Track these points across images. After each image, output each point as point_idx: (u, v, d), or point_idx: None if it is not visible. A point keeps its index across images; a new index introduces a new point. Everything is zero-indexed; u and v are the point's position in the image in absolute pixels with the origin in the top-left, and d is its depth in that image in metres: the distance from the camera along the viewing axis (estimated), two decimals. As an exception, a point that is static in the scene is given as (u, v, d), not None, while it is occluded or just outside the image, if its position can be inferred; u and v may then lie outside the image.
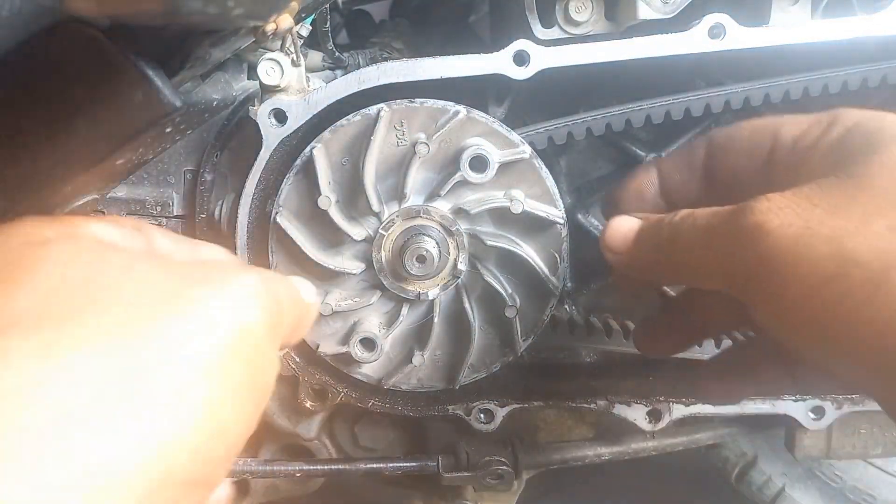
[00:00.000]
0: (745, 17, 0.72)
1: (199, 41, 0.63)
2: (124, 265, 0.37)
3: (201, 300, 0.36)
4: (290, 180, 0.75)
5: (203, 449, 0.34)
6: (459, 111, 0.72)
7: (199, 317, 0.36)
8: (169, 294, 0.36)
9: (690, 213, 0.56)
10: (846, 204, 0.47)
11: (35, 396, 0.29)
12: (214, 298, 0.37)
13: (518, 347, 0.79)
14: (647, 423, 0.87)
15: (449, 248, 0.74)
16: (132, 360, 0.32)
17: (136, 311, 0.34)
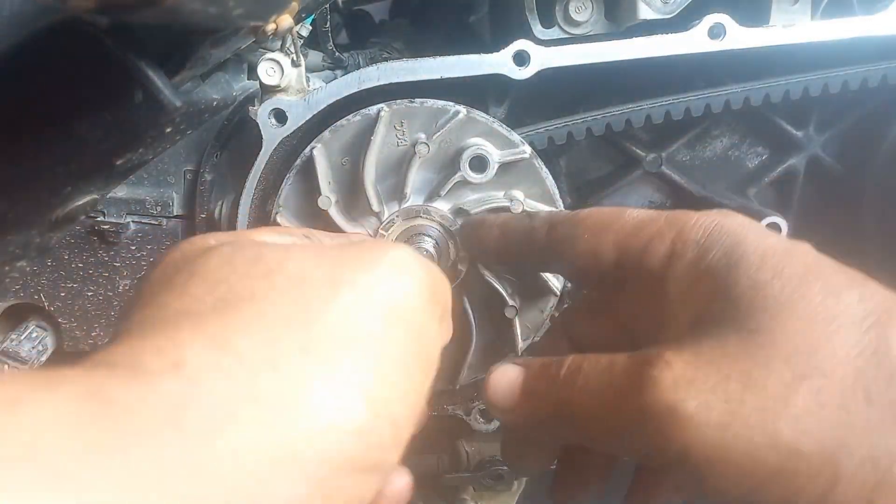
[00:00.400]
0: (745, 18, 0.72)
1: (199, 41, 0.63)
2: (281, 254, 0.38)
3: (357, 276, 0.37)
4: (289, 180, 0.75)
5: (370, 429, 0.33)
6: (460, 111, 0.72)
7: (356, 292, 0.36)
8: (325, 275, 0.37)
9: (579, 367, 0.47)
10: (760, 372, 0.41)
11: (203, 384, 0.30)
12: (369, 273, 0.37)
13: (518, 347, 0.79)
14: (648, 424, 0.87)
15: (449, 248, 0.74)
16: (296, 343, 0.33)
17: (295, 294, 0.35)
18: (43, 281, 0.84)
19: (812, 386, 0.40)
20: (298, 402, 0.31)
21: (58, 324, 0.85)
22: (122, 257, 0.84)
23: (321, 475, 0.31)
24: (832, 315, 0.41)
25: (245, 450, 0.29)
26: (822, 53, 0.75)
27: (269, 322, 0.33)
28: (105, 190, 0.78)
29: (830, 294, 0.42)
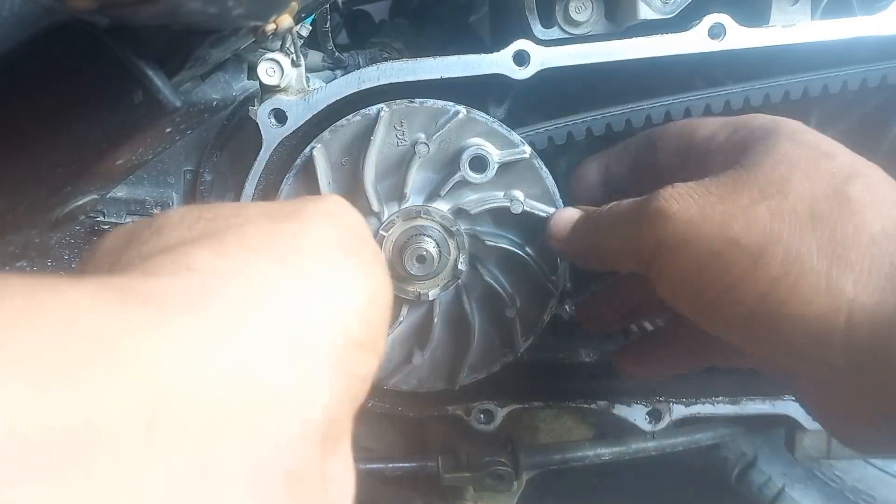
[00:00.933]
0: (745, 18, 0.72)
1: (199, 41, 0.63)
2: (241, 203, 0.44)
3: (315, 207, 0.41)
4: (289, 180, 0.75)
5: (366, 313, 0.37)
6: (459, 111, 0.72)
7: (322, 215, 0.40)
8: (288, 208, 0.41)
9: (615, 204, 0.63)
10: (736, 191, 0.53)
11: (220, 278, 0.31)
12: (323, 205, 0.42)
13: (518, 348, 0.79)
14: (648, 424, 0.87)
15: (449, 248, 0.74)
16: (289, 247, 0.36)
17: (273, 220, 0.38)
18: (43, 281, 0.84)
19: (772, 202, 0.52)
20: (308, 289, 0.34)
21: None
22: (122, 257, 0.84)
23: (338, 351, 0.34)
24: (811, 166, 0.53)
25: (271, 327, 0.30)
26: (822, 53, 0.76)
27: (257, 238, 0.36)
28: (105, 190, 0.78)
29: (819, 156, 0.54)
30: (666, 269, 0.56)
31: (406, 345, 0.81)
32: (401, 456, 0.93)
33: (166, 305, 0.28)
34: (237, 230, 0.36)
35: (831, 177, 0.52)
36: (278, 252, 0.35)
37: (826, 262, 0.49)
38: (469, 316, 0.77)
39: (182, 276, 0.30)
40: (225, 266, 0.32)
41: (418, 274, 0.73)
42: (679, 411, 0.86)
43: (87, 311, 0.25)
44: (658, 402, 0.87)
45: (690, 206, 0.54)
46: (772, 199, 0.52)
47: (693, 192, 0.55)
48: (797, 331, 0.50)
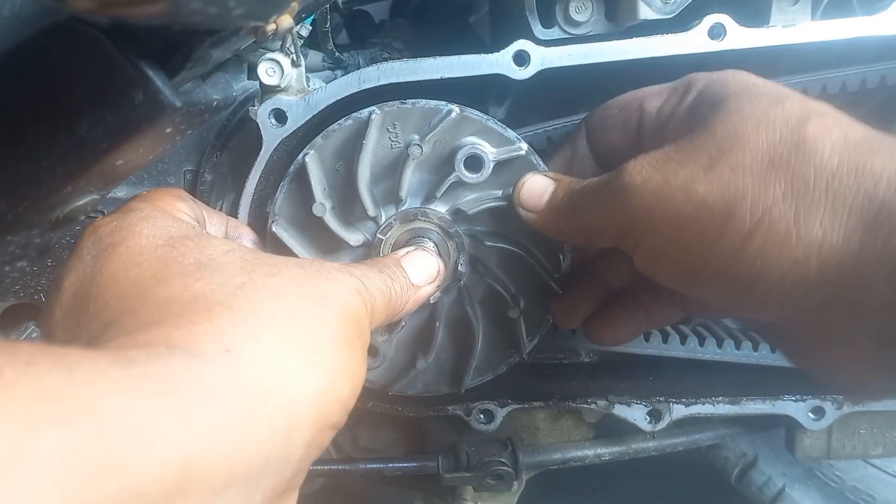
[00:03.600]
0: (745, 18, 0.72)
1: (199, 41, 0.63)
2: (277, 260, 0.50)
3: (332, 292, 0.49)
4: (284, 188, 0.74)
5: (348, 402, 0.45)
6: (452, 110, 0.71)
7: (334, 303, 0.48)
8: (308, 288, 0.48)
9: (587, 183, 0.64)
10: (695, 154, 0.54)
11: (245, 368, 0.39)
12: (335, 294, 0.49)
13: (524, 348, 0.78)
14: (647, 424, 0.87)
15: (449, 249, 0.74)
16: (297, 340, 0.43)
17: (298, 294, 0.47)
18: (43, 281, 0.84)
19: (730, 157, 0.52)
20: (306, 381, 0.42)
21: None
22: (122, 257, 0.84)
23: (316, 433, 0.42)
24: (767, 116, 0.53)
25: (279, 412, 0.39)
26: (822, 54, 0.76)
27: (284, 318, 0.44)
28: (105, 190, 0.78)
29: (770, 104, 0.54)
30: (641, 243, 0.58)
31: (409, 349, 0.80)
32: (401, 456, 0.93)
33: (183, 393, 0.35)
34: (268, 300, 0.44)
35: (785, 122, 0.53)
36: (298, 343, 0.43)
37: (792, 209, 0.50)
38: (472, 318, 0.77)
39: (223, 362, 0.38)
40: (250, 352, 0.40)
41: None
42: (679, 411, 0.86)
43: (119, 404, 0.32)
44: (658, 402, 0.86)
45: (653, 176, 0.55)
46: (730, 153, 0.53)
47: (654, 161, 0.56)
48: (773, 280, 0.51)
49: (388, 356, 0.78)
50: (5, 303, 0.85)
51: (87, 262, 0.49)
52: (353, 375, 0.46)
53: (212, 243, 0.50)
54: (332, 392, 0.43)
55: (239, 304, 0.43)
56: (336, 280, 0.51)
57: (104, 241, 0.51)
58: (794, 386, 0.87)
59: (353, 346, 0.47)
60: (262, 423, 0.38)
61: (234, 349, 0.39)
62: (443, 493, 0.99)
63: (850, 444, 0.96)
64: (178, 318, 0.41)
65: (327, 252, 0.76)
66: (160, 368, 0.35)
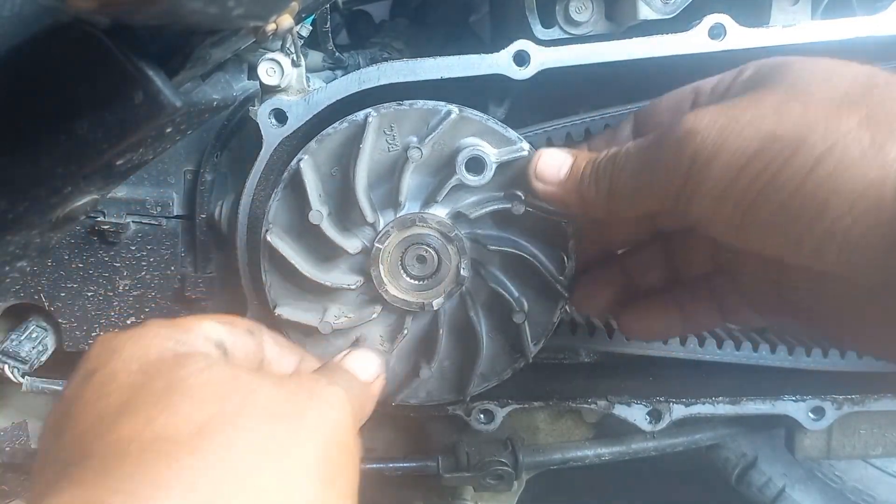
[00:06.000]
0: (745, 18, 0.72)
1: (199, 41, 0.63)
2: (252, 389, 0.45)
3: (313, 419, 0.46)
4: (277, 195, 0.72)
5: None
6: (451, 111, 0.69)
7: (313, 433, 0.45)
8: (289, 417, 0.45)
9: (630, 144, 0.61)
10: (763, 99, 0.53)
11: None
12: (319, 418, 0.47)
13: (529, 353, 0.76)
14: (648, 424, 0.87)
15: (449, 254, 0.72)
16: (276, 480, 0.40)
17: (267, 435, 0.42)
18: (43, 281, 0.84)
19: (801, 97, 0.52)
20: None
21: (58, 324, 0.85)
22: (122, 257, 0.84)
23: None
24: (835, 70, 0.54)
25: None
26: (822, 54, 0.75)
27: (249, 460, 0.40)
28: (105, 190, 0.78)
29: (834, 64, 0.55)
30: (702, 187, 0.54)
31: (412, 358, 0.78)
32: (401, 456, 0.93)
33: None
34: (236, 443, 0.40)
35: (854, 75, 0.53)
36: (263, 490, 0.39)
37: (868, 134, 0.48)
38: (475, 324, 0.75)
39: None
40: None
41: (419, 276, 0.72)
42: (679, 411, 0.86)
43: None
44: (658, 402, 0.86)
45: (718, 118, 0.53)
46: (801, 95, 0.52)
47: (719, 108, 0.55)
48: (843, 206, 0.48)
49: (389, 366, 0.76)
50: (5, 303, 0.85)
51: (74, 385, 0.46)
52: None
53: (191, 360, 0.45)
54: None
55: (202, 445, 0.39)
56: (319, 397, 0.48)
57: (91, 362, 0.47)
58: (794, 386, 0.87)
59: (334, 482, 0.44)
60: None
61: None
62: (443, 493, 0.99)
63: (850, 445, 0.96)
64: (135, 466, 0.37)
65: (325, 260, 0.74)
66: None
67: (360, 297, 0.75)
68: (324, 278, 0.72)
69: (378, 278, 0.72)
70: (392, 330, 0.77)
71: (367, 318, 0.74)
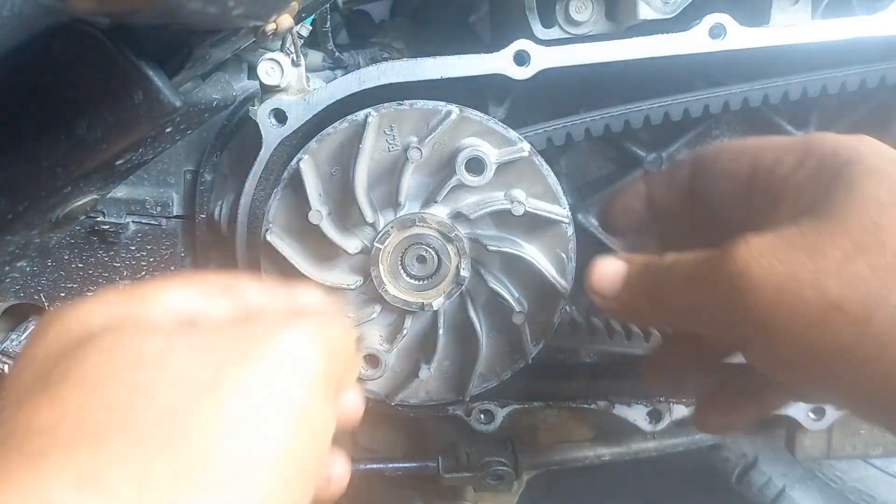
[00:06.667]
0: (745, 18, 0.72)
1: (199, 41, 0.63)
2: (162, 354, 0.36)
3: (242, 377, 0.36)
4: (277, 195, 0.72)
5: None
6: (452, 111, 0.69)
7: (238, 407, 0.35)
8: (207, 382, 0.35)
9: (677, 260, 0.57)
10: (825, 246, 0.48)
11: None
12: (258, 368, 0.36)
13: (529, 354, 0.77)
14: (648, 424, 0.87)
15: (450, 254, 0.72)
16: (169, 475, 0.32)
17: (171, 413, 0.33)
18: (43, 281, 0.84)
19: (870, 257, 0.46)
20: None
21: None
22: (122, 257, 0.84)
23: None
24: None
25: None
26: (822, 54, 0.75)
27: (141, 449, 0.32)
28: (105, 190, 0.78)
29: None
30: (756, 340, 0.51)
31: (411, 358, 0.78)
32: (401, 456, 0.93)
33: None
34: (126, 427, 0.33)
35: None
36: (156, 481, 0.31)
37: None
38: (475, 324, 0.75)
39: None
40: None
41: (419, 276, 0.72)
42: (679, 411, 0.86)
43: None
44: (658, 403, 0.86)
45: (775, 268, 0.48)
46: (869, 252, 0.46)
47: (774, 249, 0.49)
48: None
49: (388, 365, 0.76)
50: (5, 303, 0.85)
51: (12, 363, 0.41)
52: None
53: (98, 339, 0.37)
54: None
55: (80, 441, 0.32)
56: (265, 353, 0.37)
57: (30, 340, 0.40)
58: (795, 386, 0.87)
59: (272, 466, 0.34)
60: None
61: None
62: (443, 494, 0.99)
63: (850, 445, 0.96)
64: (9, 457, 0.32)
65: (324, 260, 0.74)
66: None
67: (359, 297, 0.76)
68: (323, 278, 0.72)
69: (378, 278, 0.72)
70: (391, 330, 0.77)
71: (366, 317, 0.75)
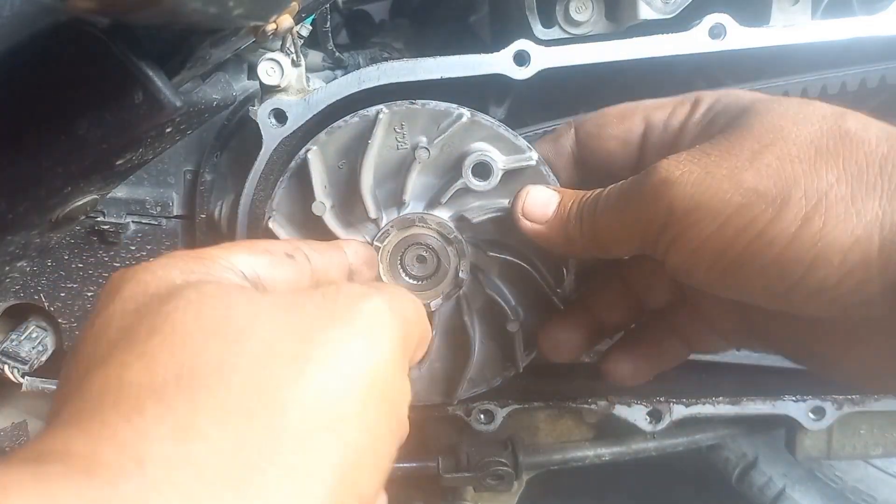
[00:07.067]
0: (745, 18, 0.72)
1: (199, 41, 0.63)
2: (251, 315, 0.37)
3: (328, 348, 0.37)
4: (283, 183, 0.72)
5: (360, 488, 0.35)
6: (463, 114, 0.69)
7: (327, 369, 0.36)
8: (295, 346, 0.36)
9: (609, 188, 0.61)
10: (734, 148, 0.53)
11: (167, 486, 0.30)
12: (340, 343, 0.38)
13: (520, 362, 0.76)
14: (648, 424, 0.87)
15: (449, 256, 0.71)
16: (265, 431, 0.33)
17: (264, 371, 0.34)
18: (43, 281, 0.84)
19: (775, 149, 0.52)
20: (269, 498, 0.31)
21: (58, 324, 0.85)
22: (122, 257, 0.84)
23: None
24: (801, 113, 0.54)
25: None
26: (822, 54, 0.75)
27: (236, 403, 0.33)
28: (105, 190, 0.79)
29: (800, 105, 0.55)
30: (680, 238, 0.55)
31: None
32: (401, 456, 0.93)
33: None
34: (221, 387, 0.33)
35: (822, 117, 0.53)
36: (251, 441, 0.32)
37: (849, 191, 0.49)
38: (469, 329, 0.74)
39: (124, 481, 0.30)
40: (178, 461, 0.30)
41: (418, 277, 0.72)
42: (679, 411, 0.86)
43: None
44: (658, 403, 0.86)
45: (693, 170, 0.53)
46: (773, 145, 0.52)
47: (691, 157, 0.54)
48: (833, 262, 0.49)
49: None
50: (5, 303, 0.85)
51: (84, 325, 0.41)
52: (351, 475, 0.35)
53: (183, 293, 0.38)
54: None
55: (175, 394, 0.33)
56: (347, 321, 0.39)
57: (99, 302, 0.41)
58: (795, 386, 0.87)
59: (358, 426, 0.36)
60: None
61: (144, 461, 0.30)
62: (443, 494, 0.99)
63: (850, 445, 0.96)
64: (99, 419, 0.32)
65: None
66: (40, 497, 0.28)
67: None
68: None
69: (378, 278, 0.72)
70: None
71: None
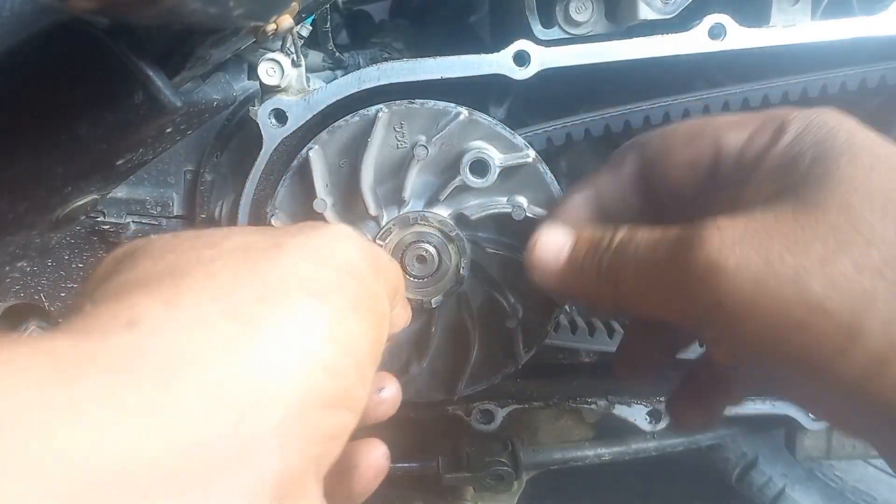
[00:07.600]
0: (745, 18, 0.72)
1: (199, 41, 0.63)
2: (224, 230, 0.41)
3: (301, 239, 0.40)
4: (285, 182, 0.73)
5: (335, 364, 0.35)
6: (461, 113, 0.70)
7: (303, 250, 0.39)
8: (269, 241, 0.39)
9: (632, 238, 0.51)
10: (805, 238, 0.43)
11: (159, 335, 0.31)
12: (313, 238, 0.40)
13: (520, 359, 0.77)
14: (648, 424, 0.87)
15: (450, 253, 0.72)
16: (251, 294, 0.34)
17: (242, 256, 0.37)
18: (43, 281, 0.84)
19: (854, 253, 0.42)
20: (262, 343, 0.32)
21: (58, 324, 0.85)
22: (122, 257, 0.84)
23: (293, 411, 0.32)
24: (888, 195, 0.43)
25: (208, 392, 0.29)
26: (822, 54, 0.75)
27: (220, 280, 0.35)
28: (105, 190, 0.79)
29: (891, 179, 0.44)
30: (729, 338, 0.46)
31: (403, 354, 0.79)
32: (401, 456, 0.93)
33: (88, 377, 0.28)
34: (202, 269, 0.36)
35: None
36: (238, 300, 0.34)
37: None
38: (469, 325, 0.75)
39: (116, 335, 0.31)
40: (170, 321, 0.32)
41: (419, 275, 0.72)
42: (679, 411, 0.86)
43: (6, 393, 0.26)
44: (658, 402, 0.86)
45: (752, 259, 0.43)
46: (853, 246, 0.42)
47: (749, 237, 0.44)
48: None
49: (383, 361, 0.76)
50: (5, 303, 0.85)
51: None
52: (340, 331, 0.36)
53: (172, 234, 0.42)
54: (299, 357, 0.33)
55: (161, 281, 0.35)
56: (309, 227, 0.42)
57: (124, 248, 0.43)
58: (795, 386, 0.87)
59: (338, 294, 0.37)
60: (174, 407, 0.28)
61: (137, 321, 0.31)
62: (443, 494, 0.99)
63: (850, 445, 0.96)
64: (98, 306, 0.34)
65: None
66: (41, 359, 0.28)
67: None
68: None
69: None
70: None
71: None
